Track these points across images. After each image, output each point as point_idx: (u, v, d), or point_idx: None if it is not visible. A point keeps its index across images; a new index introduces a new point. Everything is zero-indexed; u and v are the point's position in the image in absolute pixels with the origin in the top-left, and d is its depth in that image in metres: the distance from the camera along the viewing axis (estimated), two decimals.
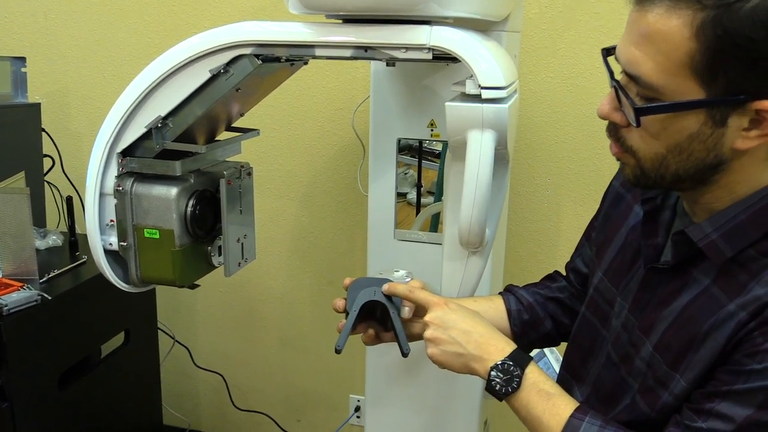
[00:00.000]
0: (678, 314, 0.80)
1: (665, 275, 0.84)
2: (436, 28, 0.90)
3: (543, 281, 1.18)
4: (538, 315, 1.11)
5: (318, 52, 0.96)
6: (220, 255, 1.15)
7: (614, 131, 0.80)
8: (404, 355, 1.02)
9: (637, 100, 0.73)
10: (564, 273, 1.17)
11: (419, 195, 1.39)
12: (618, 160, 0.82)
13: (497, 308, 1.12)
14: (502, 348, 0.90)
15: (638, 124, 0.74)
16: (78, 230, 1.66)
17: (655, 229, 0.88)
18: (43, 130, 1.75)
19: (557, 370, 1.44)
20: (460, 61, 0.89)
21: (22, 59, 1.70)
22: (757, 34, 0.65)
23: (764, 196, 0.75)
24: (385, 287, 1.04)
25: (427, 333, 0.94)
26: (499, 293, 1.15)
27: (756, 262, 0.75)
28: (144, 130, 1.02)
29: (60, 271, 1.52)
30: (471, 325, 0.93)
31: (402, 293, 1.03)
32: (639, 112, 0.73)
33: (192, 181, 1.07)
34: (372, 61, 1.31)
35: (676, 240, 0.82)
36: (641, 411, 0.84)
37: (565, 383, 1.01)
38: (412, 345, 1.04)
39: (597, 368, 0.95)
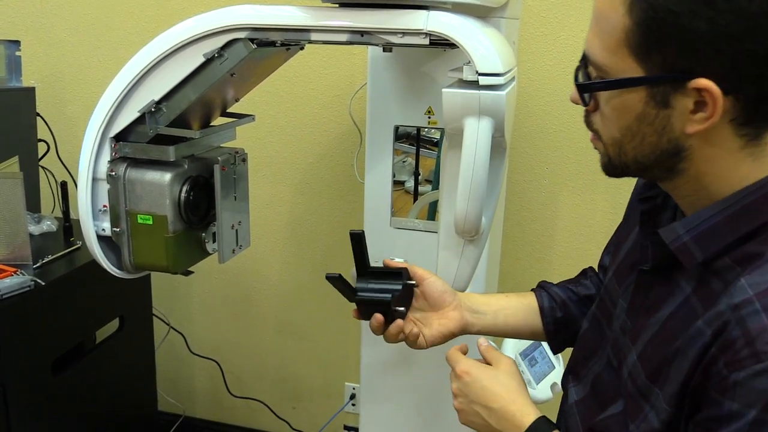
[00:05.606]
0: (661, 325, 0.77)
1: (654, 279, 0.81)
2: (433, 13, 0.89)
3: (577, 277, 1.15)
4: (572, 313, 1.08)
5: (313, 36, 0.95)
6: (214, 241, 1.14)
7: (586, 117, 0.79)
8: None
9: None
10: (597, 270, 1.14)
11: (416, 183, 1.38)
12: (595, 148, 0.81)
13: (529, 305, 1.09)
14: (518, 423, 0.88)
15: (584, 102, 0.74)
16: (73, 215, 1.65)
17: (651, 229, 0.86)
18: (38, 114, 1.73)
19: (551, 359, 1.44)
20: (457, 47, 0.88)
21: (17, 43, 1.68)
22: (680, 7, 0.63)
23: (743, 197, 0.71)
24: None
25: (455, 403, 0.96)
26: (532, 290, 1.12)
27: (730, 272, 0.70)
28: (137, 114, 1.01)
29: (54, 256, 1.51)
30: (490, 399, 0.92)
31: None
32: (580, 89, 0.74)
33: (186, 166, 1.06)
34: (369, 47, 1.30)
35: (651, 241, 0.79)
36: (627, 424, 0.79)
37: (565, 382, 1.00)
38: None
39: (598, 368, 0.93)
